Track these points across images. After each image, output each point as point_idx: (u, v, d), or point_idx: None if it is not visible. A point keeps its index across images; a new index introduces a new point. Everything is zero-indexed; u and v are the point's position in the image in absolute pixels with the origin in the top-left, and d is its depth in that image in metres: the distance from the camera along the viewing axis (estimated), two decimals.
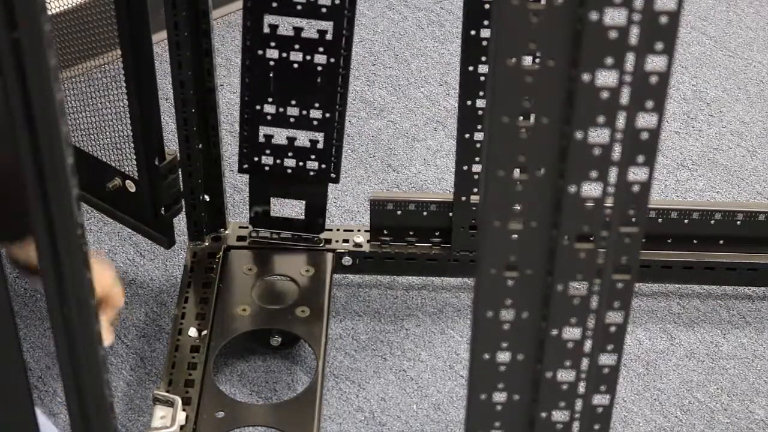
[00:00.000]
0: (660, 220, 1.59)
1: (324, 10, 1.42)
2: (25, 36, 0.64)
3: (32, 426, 0.83)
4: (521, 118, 0.69)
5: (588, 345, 0.81)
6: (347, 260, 1.62)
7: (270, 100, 1.50)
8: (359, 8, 2.11)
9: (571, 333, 0.80)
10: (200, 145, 1.54)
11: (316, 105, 1.49)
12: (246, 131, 1.53)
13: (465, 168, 1.52)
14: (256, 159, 1.54)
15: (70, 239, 0.72)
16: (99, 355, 0.79)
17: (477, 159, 1.51)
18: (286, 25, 1.45)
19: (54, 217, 0.71)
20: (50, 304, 0.75)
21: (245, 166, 1.55)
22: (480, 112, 1.47)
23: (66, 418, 1.48)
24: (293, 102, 1.49)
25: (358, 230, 1.64)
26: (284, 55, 1.46)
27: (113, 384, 1.53)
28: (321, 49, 1.45)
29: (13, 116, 0.68)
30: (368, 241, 1.62)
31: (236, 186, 1.78)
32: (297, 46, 1.45)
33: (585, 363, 0.82)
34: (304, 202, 1.59)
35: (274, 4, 1.43)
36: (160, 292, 1.64)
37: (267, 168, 1.55)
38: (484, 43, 1.41)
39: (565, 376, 0.82)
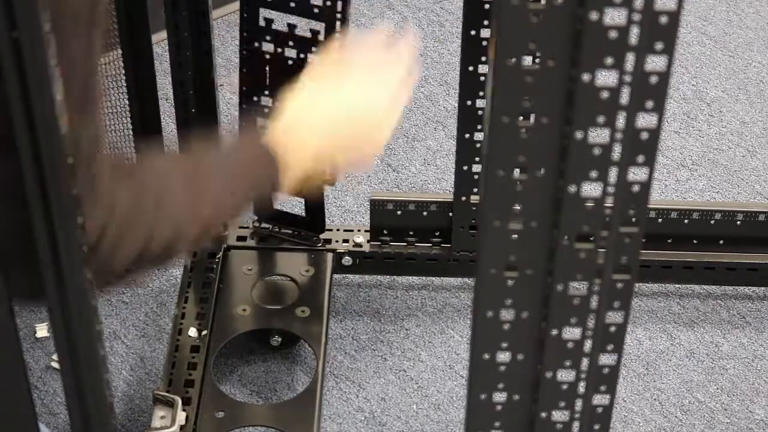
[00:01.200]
0: (660, 220, 1.59)
1: (316, 10, 1.42)
2: (25, 36, 0.64)
3: (32, 427, 0.83)
4: (521, 118, 0.69)
5: (588, 345, 0.81)
6: (347, 260, 1.62)
7: (266, 92, 1.49)
8: (359, 8, 2.11)
9: (571, 333, 0.80)
10: None
11: None
12: (244, 122, 1.52)
13: (465, 168, 1.52)
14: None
15: (70, 239, 0.72)
16: (99, 355, 0.79)
17: (477, 159, 1.51)
18: (281, 21, 1.45)
19: (54, 217, 0.71)
20: (50, 304, 0.75)
21: None
22: (480, 112, 1.47)
23: (66, 418, 1.48)
24: None
25: (358, 230, 1.64)
26: (279, 50, 1.46)
27: (113, 384, 1.53)
28: (314, 49, 1.45)
29: (13, 116, 0.68)
30: (368, 241, 1.62)
31: None
32: (291, 43, 1.45)
33: (585, 363, 0.82)
34: (303, 201, 1.59)
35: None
36: (160, 292, 1.64)
37: None
38: (484, 43, 1.41)
39: (565, 376, 0.82)
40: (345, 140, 1.14)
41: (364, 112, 1.14)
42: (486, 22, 1.40)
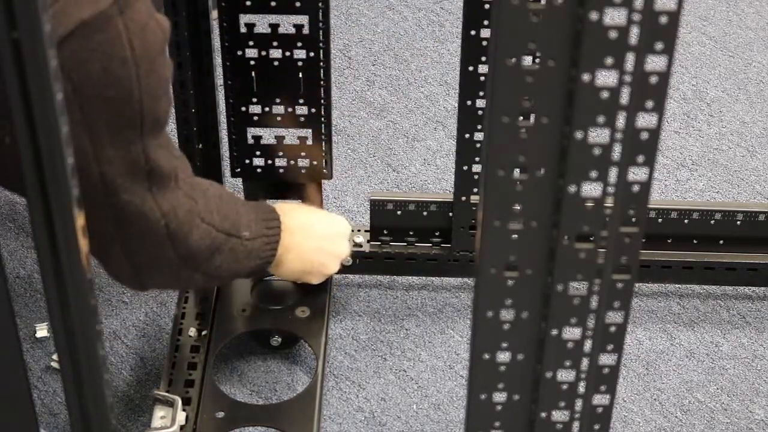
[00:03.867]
0: (660, 220, 1.59)
1: (298, 4, 1.42)
2: (25, 36, 0.65)
3: (32, 427, 0.83)
4: (521, 118, 0.69)
5: (588, 345, 0.81)
6: (347, 260, 1.62)
7: (254, 100, 1.50)
8: (359, 8, 2.11)
9: (571, 333, 0.80)
10: (200, 145, 1.54)
11: (301, 101, 1.49)
12: (234, 134, 1.53)
13: (465, 168, 1.52)
14: (247, 161, 1.54)
15: (70, 239, 0.72)
16: (99, 355, 0.79)
17: (477, 159, 1.51)
18: (262, 23, 1.45)
19: (54, 217, 0.71)
20: (50, 304, 0.75)
21: (237, 170, 1.55)
22: (480, 112, 1.47)
23: (66, 418, 1.48)
24: (277, 100, 1.49)
25: (358, 230, 1.64)
26: (263, 53, 1.46)
27: (113, 384, 1.53)
28: (299, 44, 1.45)
29: (13, 116, 0.68)
30: (368, 241, 1.62)
31: (236, 186, 1.77)
32: (275, 44, 1.45)
33: (585, 363, 0.82)
34: (299, 201, 1.59)
35: (248, 3, 1.42)
36: (160, 292, 1.64)
37: (259, 170, 1.55)
38: (484, 43, 1.41)
39: (565, 376, 0.82)
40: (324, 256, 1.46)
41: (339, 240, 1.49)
42: (486, 22, 1.40)
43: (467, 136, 1.49)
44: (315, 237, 1.45)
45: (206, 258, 1.27)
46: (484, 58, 1.42)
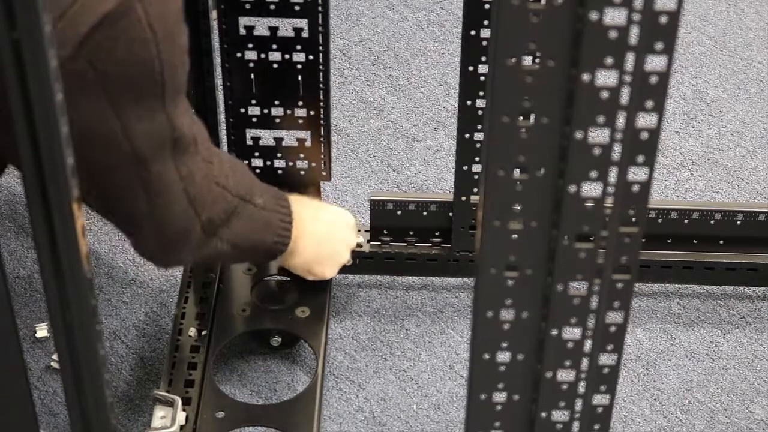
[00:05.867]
0: (660, 220, 1.59)
1: (297, 7, 1.42)
2: (25, 36, 0.65)
3: (32, 427, 0.83)
4: (521, 118, 0.69)
5: (588, 345, 0.81)
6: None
7: (253, 101, 1.50)
8: (359, 8, 2.11)
9: (571, 333, 0.80)
10: None
11: (300, 103, 1.49)
12: (233, 135, 1.53)
13: (465, 168, 1.52)
14: (245, 162, 1.54)
15: (70, 239, 0.72)
16: (99, 355, 0.79)
17: (477, 159, 1.51)
18: (262, 25, 1.45)
19: (54, 217, 0.71)
20: (50, 304, 0.75)
21: None
22: (480, 112, 1.47)
23: (66, 418, 1.48)
24: (276, 102, 1.49)
25: (358, 230, 1.64)
26: (263, 55, 1.46)
27: (113, 384, 1.53)
28: (298, 47, 1.45)
29: (13, 116, 0.68)
30: (368, 241, 1.62)
31: None
32: (274, 46, 1.45)
33: (585, 363, 0.82)
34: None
35: (248, 6, 1.43)
36: (160, 292, 1.65)
37: (258, 171, 1.55)
38: (484, 43, 1.41)
39: (565, 376, 0.82)
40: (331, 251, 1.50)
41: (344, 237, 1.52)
42: (486, 22, 1.40)
43: (467, 136, 1.49)
44: (324, 222, 1.47)
45: (224, 222, 1.30)
46: (484, 58, 1.42)
